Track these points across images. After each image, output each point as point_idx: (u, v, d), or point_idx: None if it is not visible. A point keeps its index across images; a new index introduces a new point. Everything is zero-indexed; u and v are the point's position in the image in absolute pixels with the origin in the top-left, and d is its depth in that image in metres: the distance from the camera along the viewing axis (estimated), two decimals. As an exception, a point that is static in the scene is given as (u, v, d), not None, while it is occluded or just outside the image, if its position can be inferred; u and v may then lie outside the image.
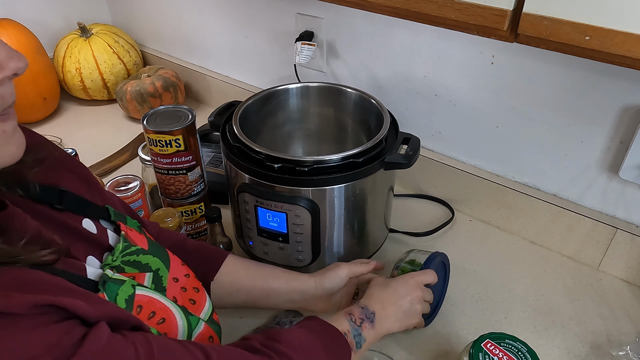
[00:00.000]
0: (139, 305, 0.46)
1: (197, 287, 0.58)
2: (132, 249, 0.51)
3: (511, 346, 0.64)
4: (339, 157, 0.72)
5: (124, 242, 0.50)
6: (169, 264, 0.54)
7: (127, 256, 0.50)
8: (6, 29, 1.24)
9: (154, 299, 0.48)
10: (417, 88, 0.99)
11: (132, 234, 0.53)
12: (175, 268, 0.55)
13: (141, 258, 0.51)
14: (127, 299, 0.45)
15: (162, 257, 0.54)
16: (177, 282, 0.54)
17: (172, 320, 0.49)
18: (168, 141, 0.79)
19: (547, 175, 0.90)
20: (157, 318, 0.47)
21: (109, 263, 0.47)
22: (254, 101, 0.88)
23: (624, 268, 0.86)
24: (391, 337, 0.77)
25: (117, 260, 0.48)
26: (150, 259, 0.52)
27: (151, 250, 0.53)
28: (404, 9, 0.59)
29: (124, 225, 0.53)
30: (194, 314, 0.53)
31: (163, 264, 0.53)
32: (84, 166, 0.59)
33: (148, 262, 0.52)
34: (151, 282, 0.51)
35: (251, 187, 0.75)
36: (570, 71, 0.79)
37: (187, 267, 0.58)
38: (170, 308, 0.49)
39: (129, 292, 0.45)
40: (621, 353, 0.72)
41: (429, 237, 0.97)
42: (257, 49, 1.26)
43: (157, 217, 0.83)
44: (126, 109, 1.36)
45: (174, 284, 0.54)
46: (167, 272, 0.53)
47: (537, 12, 0.49)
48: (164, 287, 0.52)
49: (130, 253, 0.50)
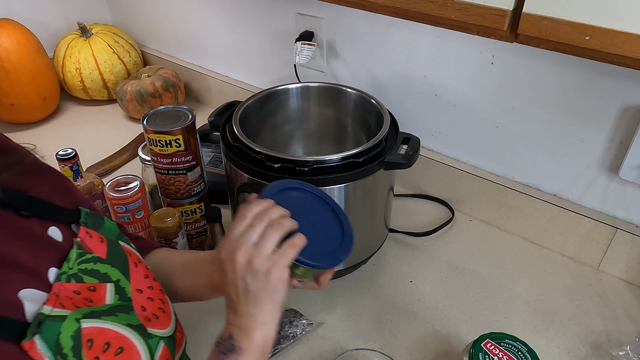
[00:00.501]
0: (89, 339, 0.42)
1: (163, 299, 0.56)
2: (87, 257, 0.48)
3: (511, 346, 0.64)
4: (339, 157, 0.72)
5: (77, 249, 0.48)
6: (129, 276, 0.52)
7: (84, 264, 0.48)
8: (6, 29, 1.24)
9: (106, 328, 0.44)
10: (417, 88, 0.99)
11: (91, 242, 0.50)
12: (136, 280, 0.53)
13: (99, 267, 0.49)
14: (72, 335, 0.41)
15: (121, 267, 0.51)
16: (142, 293, 0.52)
17: (132, 347, 0.46)
18: (168, 141, 0.79)
19: (547, 175, 0.90)
20: (113, 349, 0.44)
21: (65, 271, 0.45)
22: (254, 101, 0.88)
23: (624, 268, 0.86)
24: (391, 336, 0.77)
25: (73, 268, 0.46)
26: (108, 269, 0.50)
27: (109, 260, 0.51)
28: (404, 9, 0.59)
29: (83, 232, 0.50)
30: (154, 334, 0.49)
31: (122, 275, 0.51)
32: (59, 173, 0.57)
33: (107, 272, 0.49)
34: (114, 293, 0.48)
35: (251, 187, 0.75)
36: (570, 71, 0.79)
37: (150, 280, 0.55)
38: (126, 334, 0.46)
39: (73, 328, 0.42)
40: (621, 353, 0.72)
41: (429, 237, 0.97)
42: (257, 49, 1.26)
43: (157, 217, 0.83)
44: (126, 109, 1.36)
45: (139, 294, 0.52)
46: (128, 284, 0.51)
47: (537, 12, 0.49)
48: (129, 298, 0.50)
49: (87, 260, 0.48)
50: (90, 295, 0.46)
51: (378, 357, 0.71)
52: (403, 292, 0.85)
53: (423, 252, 0.94)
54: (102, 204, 0.95)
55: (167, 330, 0.52)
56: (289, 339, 0.75)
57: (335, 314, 0.82)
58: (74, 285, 0.45)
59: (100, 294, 0.47)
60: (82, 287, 0.46)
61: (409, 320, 0.80)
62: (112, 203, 0.86)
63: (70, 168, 0.88)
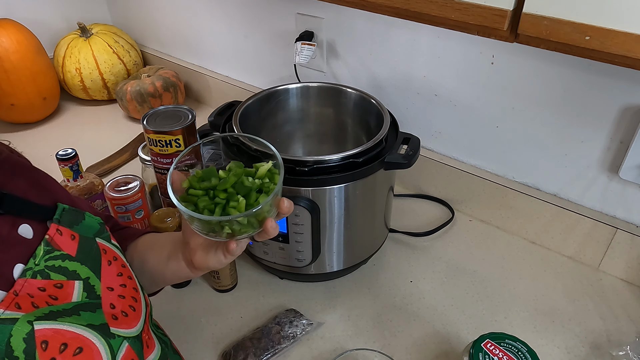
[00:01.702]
0: (43, 341, 0.41)
1: (136, 297, 0.55)
2: (55, 254, 0.48)
3: (511, 346, 0.64)
4: (339, 157, 0.72)
5: (45, 247, 0.47)
6: (100, 274, 0.51)
7: (51, 260, 0.47)
8: (6, 29, 1.24)
9: (62, 329, 0.43)
10: (417, 88, 0.99)
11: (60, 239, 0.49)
12: (108, 278, 0.52)
13: (67, 264, 0.48)
14: (25, 337, 0.40)
15: (91, 265, 0.51)
16: (113, 291, 0.52)
17: (91, 347, 0.45)
18: (168, 141, 0.79)
19: (547, 175, 0.90)
20: (71, 350, 0.43)
21: (31, 267, 0.45)
22: (254, 101, 0.88)
23: (624, 268, 0.86)
24: (391, 336, 0.77)
25: (40, 264, 0.46)
26: (77, 266, 0.49)
27: (79, 257, 0.50)
28: (404, 9, 0.59)
29: (53, 229, 0.49)
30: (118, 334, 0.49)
31: (93, 273, 0.50)
32: (37, 169, 0.56)
33: (76, 270, 0.49)
34: (82, 291, 0.48)
35: (251, 187, 0.75)
36: (570, 71, 0.79)
37: (124, 278, 0.55)
38: (85, 334, 0.45)
39: (25, 330, 0.41)
40: (621, 353, 0.72)
41: (429, 237, 0.97)
42: (257, 49, 1.26)
43: (157, 217, 0.83)
44: (126, 109, 1.36)
45: (109, 292, 0.51)
46: (98, 282, 0.50)
47: (537, 12, 0.49)
48: (98, 296, 0.49)
49: (54, 257, 0.47)
50: (56, 292, 0.46)
51: (378, 357, 0.71)
52: (403, 292, 0.85)
53: (423, 252, 0.94)
54: (102, 204, 0.95)
55: (133, 330, 0.52)
56: (289, 339, 0.75)
57: (335, 314, 0.82)
58: (40, 282, 0.45)
59: (67, 291, 0.47)
60: (48, 283, 0.45)
61: (409, 320, 0.80)
62: (112, 203, 0.86)
63: (70, 168, 0.88)
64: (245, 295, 0.86)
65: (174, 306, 0.83)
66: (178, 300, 0.84)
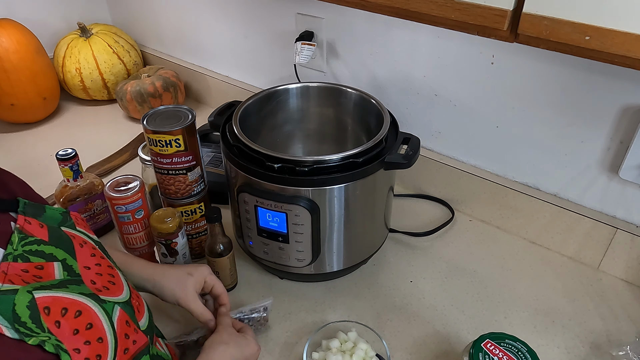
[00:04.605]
0: (45, 307, 0.44)
1: (113, 273, 0.58)
2: (30, 239, 0.50)
3: (511, 346, 0.64)
4: (339, 157, 0.72)
5: (19, 234, 0.49)
6: (75, 255, 0.54)
7: (27, 246, 0.49)
8: (6, 29, 1.24)
9: (59, 296, 0.46)
10: (417, 88, 0.99)
11: (30, 227, 0.51)
12: (83, 258, 0.54)
13: (43, 248, 0.50)
14: (28, 305, 0.43)
15: (65, 248, 0.53)
16: (89, 269, 0.54)
17: (89, 310, 0.48)
18: (168, 141, 0.79)
19: (547, 175, 0.90)
20: (72, 312, 0.46)
21: (10, 252, 0.47)
22: (254, 101, 0.88)
23: (624, 268, 0.86)
24: (391, 336, 0.77)
25: (18, 249, 0.47)
26: (53, 249, 0.51)
27: (52, 242, 0.52)
28: (404, 9, 0.59)
29: (21, 219, 0.51)
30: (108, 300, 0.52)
31: (68, 255, 0.53)
32: None
33: (52, 252, 0.51)
34: (62, 270, 0.50)
35: (251, 187, 0.75)
36: (570, 71, 0.79)
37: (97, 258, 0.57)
38: (80, 300, 0.48)
39: (26, 299, 0.43)
40: (621, 353, 0.72)
41: (429, 237, 0.97)
42: (257, 49, 1.26)
43: (157, 217, 0.83)
44: (126, 109, 1.36)
45: (87, 271, 0.53)
46: (75, 262, 0.53)
47: (537, 12, 0.49)
48: (77, 274, 0.51)
49: (30, 243, 0.49)
50: (38, 272, 0.48)
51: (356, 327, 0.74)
52: (403, 292, 0.85)
53: (423, 252, 0.94)
54: (102, 204, 0.95)
55: (121, 296, 0.55)
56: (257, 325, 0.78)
57: (336, 314, 0.82)
58: (21, 265, 0.46)
59: (48, 271, 0.49)
60: (29, 266, 0.47)
61: (409, 320, 0.80)
62: (112, 203, 0.86)
63: (70, 168, 0.88)
64: (245, 295, 0.86)
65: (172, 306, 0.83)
66: (178, 300, 0.84)
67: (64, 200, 0.90)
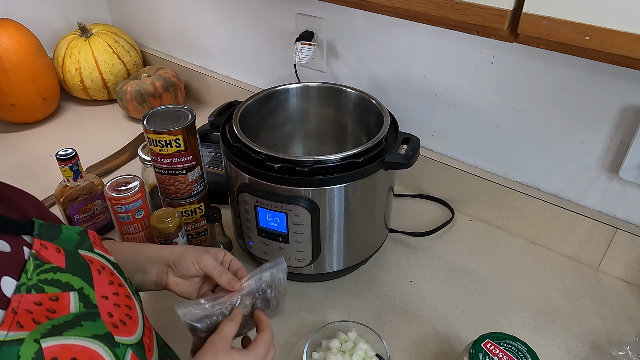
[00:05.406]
0: (53, 358, 0.41)
1: (130, 305, 0.54)
2: (46, 267, 0.47)
3: (511, 346, 0.64)
4: (339, 157, 0.72)
5: (34, 261, 0.46)
6: (93, 283, 0.51)
7: (43, 274, 0.46)
8: (6, 29, 1.24)
9: (69, 344, 0.43)
10: (417, 88, 0.99)
11: (47, 253, 0.49)
12: (101, 286, 0.51)
13: (59, 276, 0.47)
14: (34, 357, 0.40)
15: (83, 275, 0.50)
16: (107, 299, 0.51)
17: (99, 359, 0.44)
18: (168, 141, 0.79)
19: (547, 175, 0.90)
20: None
21: (24, 282, 0.44)
22: (254, 101, 0.88)
23: (624, 268, 0.86)
24: (391, 336, 0.77)
25: (32, 279, 0.45)
26: (69, 277, 0.48)
27: (69, 269, 0.49)
28: (404, 9, 0.59)
29: (37, 244, 0.48)
30: (121, 342, 0.49)
31: (86, 283, 0.50)
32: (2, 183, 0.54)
33: (69, 281, 0.48)
34: (78, 301, 0.47)
35: (251, 187, 0.75)
36: (570, 71, 0.79)
37: (115, 286, 0.54)
38: (92, 347, 0.45)
39: (32, 350, 0.40)
40: (621, 353, 0.72)
41: (429, 237, 0.97)
42: (257, 49, 1.26)
43: (157, 217, 0.83)
44: (126, 109, 1.36)
45: (104, 301, 0.50)
46: (92, 291, 0.49)
47: (537, 12, 0.49)
48: (94, 305, 0.48)
49: (45, 271, 0.46)
50: (52, 305, 0.45)
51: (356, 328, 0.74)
52: (403, 292, 0.85)
53: (423, 252, 0.94)
54: (102, 204, 0.95)
55: (134, 337, 0.52)
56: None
57: (336, 314, 0.82)
58: (35, 296, 0.44)
59: (63, 303, 0.46)
60: (43, 297, 0.44)
61: (409, 320, 0.80)
62: (112, 203, 0.86)
63: (70, 168, 0.88)
64: (245, 295, 0.85)
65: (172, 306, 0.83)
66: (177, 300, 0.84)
67: (64, 200, 0.90)
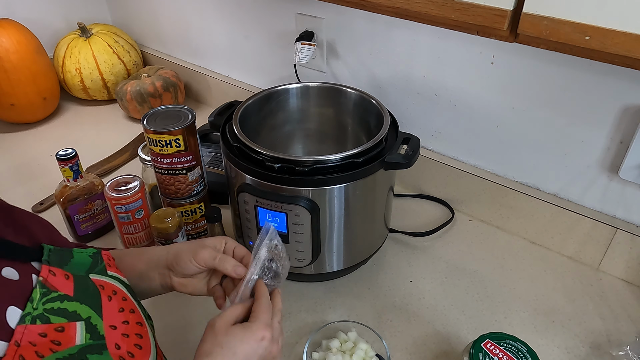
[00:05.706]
0: None
1: (141, 333, 0.52)
2: (53, 295, 0.45)
3: (511, 346, 0.64)
4: (339, 157, 0.72)
5: (41, 289, 0.45)
6: (101, 312, 0.49)
7: (49, 303, 0.44)
8: (6, 29, 1.24)
9: None
10: (417, 88, 0.99)
11: (55, 280, 0.47)
12: (110, 315, 0.50)
13: (67, 305, 0.46)
14: None
15: (91, 304, 0.48)
16: (116, 329, 0.49)
17: None
18: (168, 141, 0.79)
19: (547, 175, 0.90)
20: None
21: (29, 312, 0.43)
22: (254, 101, 0.88)
23: (624, 268, 0.86)
24: (391, 336, 0.77)
25: (38, 308, 0.43)
26: (77, 306, 0.47)
27: (78, 296, 0.48)
28: (404, 9, 0.59)
29: (45, 270, 0.47)
30: None
31: (94, 312, 0.48)
32: (14, 208, 0.53)
33: (76, 310, 0.46)
34: (85, 332, 0.45)
35: (251, 187, 0.75)
36: (570, 71, 0.79)
37: (126, 313, 0.52)
38: None
39: None
40: (621, 353, 0.72)
41: (429, 237, 0.97)
42: (257, 49, 1.26)
43: (157, 217, 0.83)
44: (126, 109, 1.36)
45: (113, 331, 0.48)
46: (100, 321, 0.48)
47: (537, 12, 0.49)
48: (101, 336, 0.47)
49: (52, 299, 0.45)
50: (57, 336, 0.43)
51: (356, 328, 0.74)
52: (403, 292, 0.85)
53: (423, 252, 0.94)
54: (102, 204, 0.95)
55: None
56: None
57: (335, 314, 0.82)
58: (40, 327, 0.42)
59: (69, 334, 0.44)
60: (48, 328, 0.43)
61: (409, 320, 0.80)
62: (112, 203, 0.86)
63: (70, 168, 0.88)
64: (245, 295, 0.85)
65: (172, 307, 0.83)
66: (177, 300, 0.84)
67: (64, 201, 0.90)
